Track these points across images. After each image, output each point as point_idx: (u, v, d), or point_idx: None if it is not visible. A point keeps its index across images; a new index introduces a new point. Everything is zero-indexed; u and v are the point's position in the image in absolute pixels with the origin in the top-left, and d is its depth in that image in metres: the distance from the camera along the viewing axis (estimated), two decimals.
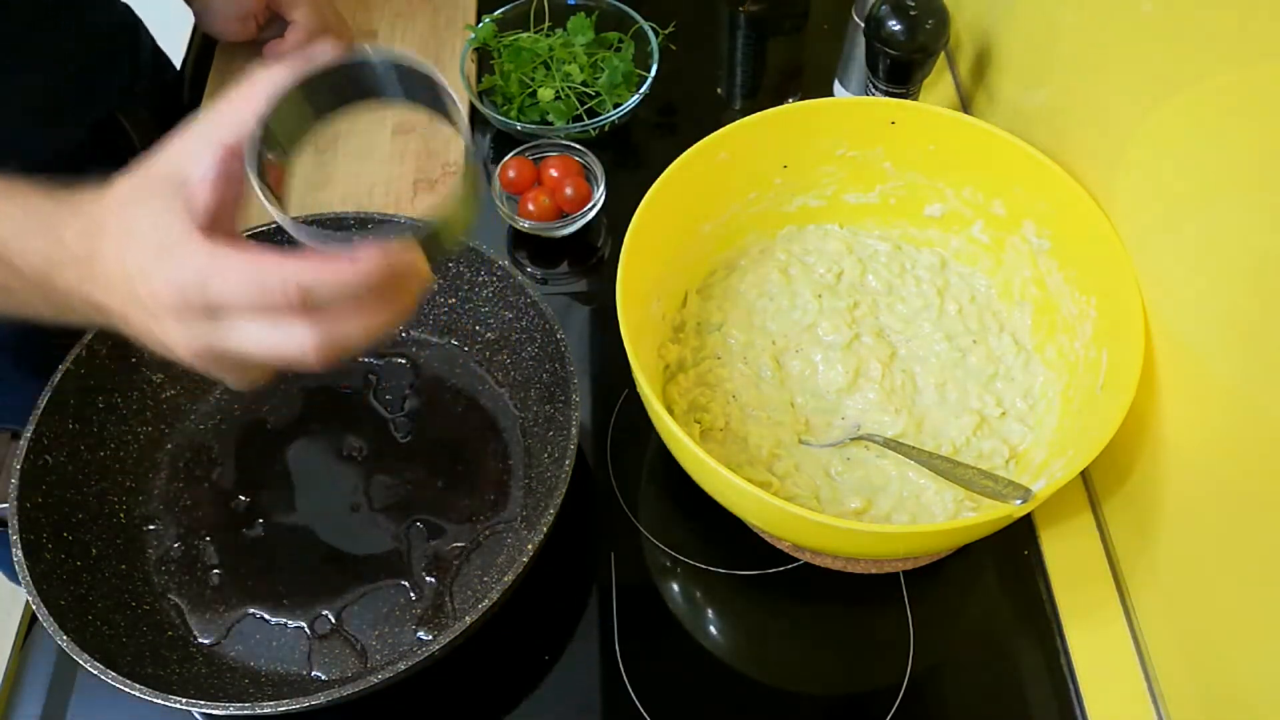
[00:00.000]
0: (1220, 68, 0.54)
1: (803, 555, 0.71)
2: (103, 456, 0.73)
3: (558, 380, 0.71)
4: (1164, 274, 0.62)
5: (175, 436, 0.77)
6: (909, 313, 0.78)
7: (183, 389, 0.78)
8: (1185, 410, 0.61)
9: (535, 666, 0.69)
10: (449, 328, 0.80)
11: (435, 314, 0.80)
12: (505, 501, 0.73)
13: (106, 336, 0.72)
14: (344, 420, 0.78)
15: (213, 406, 0.79)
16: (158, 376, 0.77)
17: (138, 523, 0.73)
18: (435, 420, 0.77)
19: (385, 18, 1.06)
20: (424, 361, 0.80)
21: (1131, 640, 0.68)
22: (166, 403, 0.77)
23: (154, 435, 0.77)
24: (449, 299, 0.79)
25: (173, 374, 0.77)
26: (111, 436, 0.74)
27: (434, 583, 0.70)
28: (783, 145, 0.76)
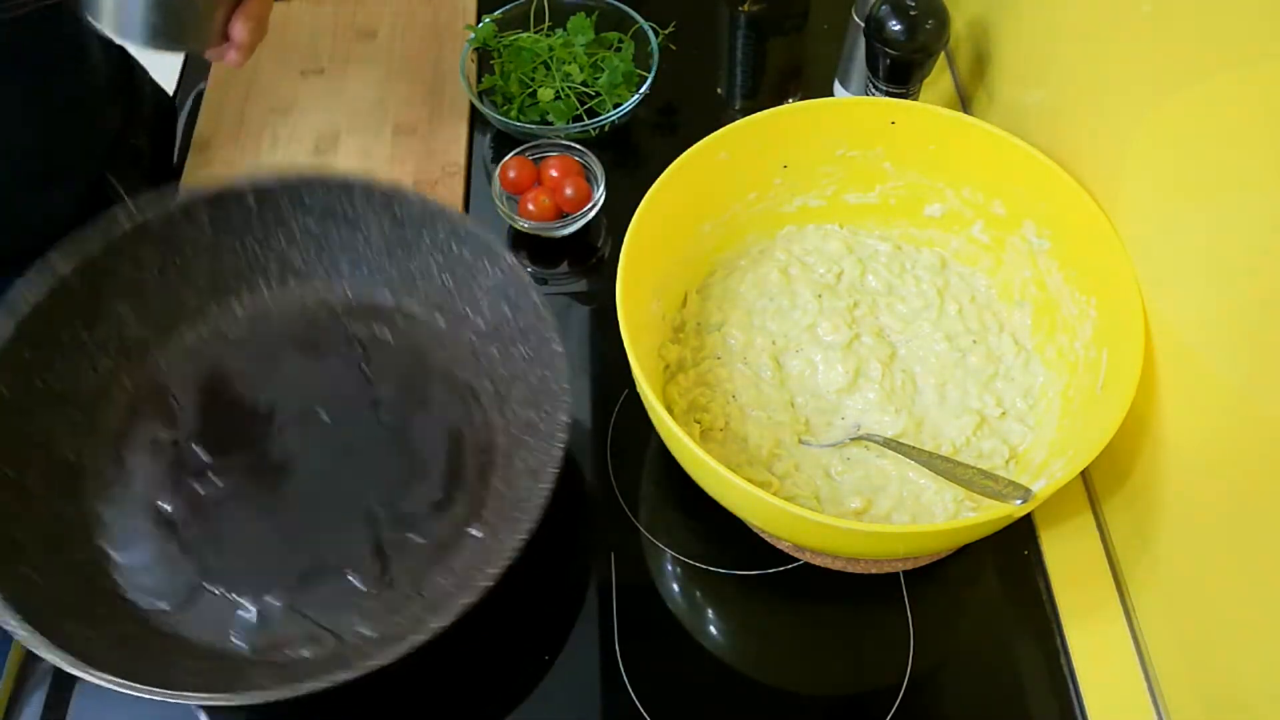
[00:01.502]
0: (1220, 67, 0.54)
1: (803, 555, 0.71)
2: (58, 389, 0.69)
3: (546, 389, 0.67)
4: (1164, 274, 0.62)
5: (137, 376, 0.73)
6: (909, 313, 0.78)
7: (152, 327, 0.74)
8: (1185, 410, 0.61)
9: (535, 666, 0.69)
10: (441, 305, 0.77)
11: (429, 288, 0.76)
12: (473, 502, 0.70)
13: (82, 270, 0.69)
14: (316, 383, 0.75)
15: (181, 349, 0.75)
16: (127, 310, 0.73)
17: (85, 463, 0.69)
18: (412, 398, 0.74)
19: (385, 17, 1.06)
20: (410, 335, 0.76)
21: (1131, 640, 0.68)
22: (132, 340, 0.73)
23: (114, 371, 0.72)
24: (447, 276, 0.75)
25: (142, 310, 0.74)
26: (68, 369, 0.70)
27: (389, 577, 0.67)
28: (783, 145, 0.76)
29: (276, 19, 1.05)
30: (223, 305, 0.77)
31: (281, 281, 0.78)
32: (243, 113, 0.98)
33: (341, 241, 0.77)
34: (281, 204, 0.75)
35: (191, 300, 0.76)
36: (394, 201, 0.73)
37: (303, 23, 1.05)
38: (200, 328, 0.76)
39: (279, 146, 0.96)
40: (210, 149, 0.96)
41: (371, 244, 0.76)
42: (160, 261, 0.74)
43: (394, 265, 0.77)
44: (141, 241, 0.73)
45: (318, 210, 0.75)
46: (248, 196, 0.74)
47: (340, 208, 0.75)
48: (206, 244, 0.75)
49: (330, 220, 0.76)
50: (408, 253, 0.76)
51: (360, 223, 0.75)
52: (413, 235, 0.74)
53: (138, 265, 0.73)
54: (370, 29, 1.05)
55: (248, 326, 0.77)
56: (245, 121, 0.98)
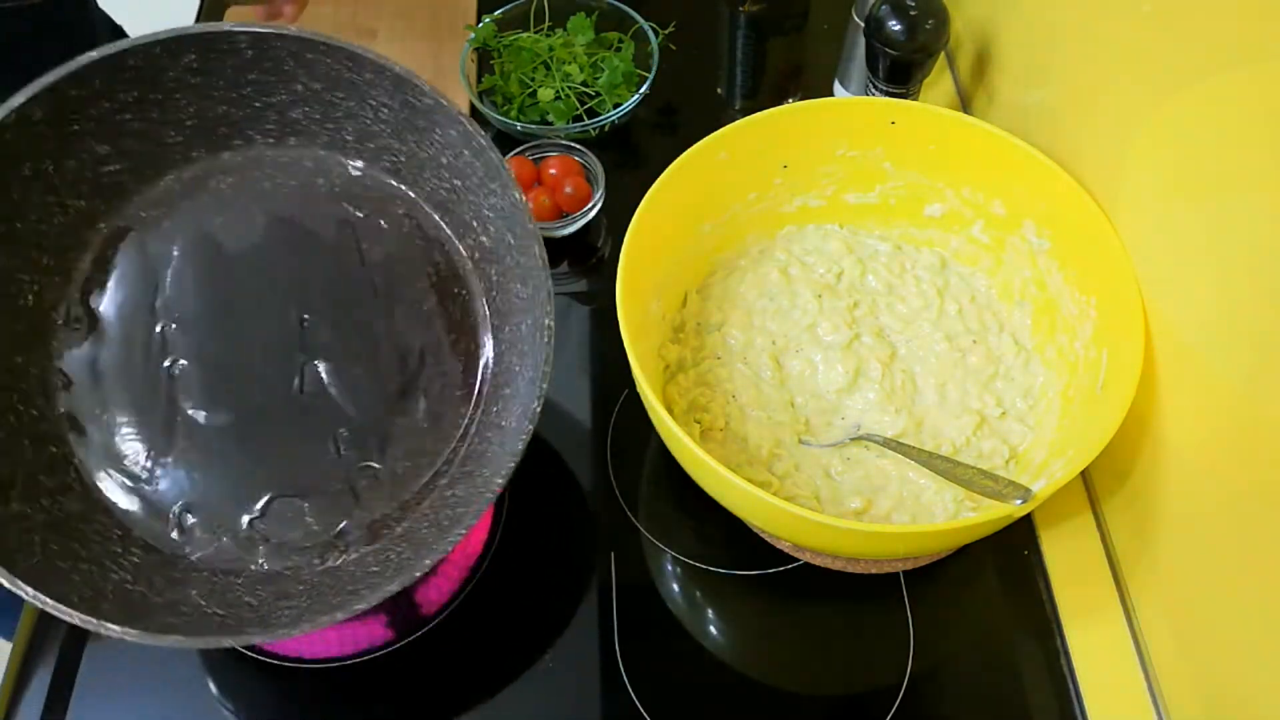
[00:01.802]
0: (1220, 67, 0.54)
1: (803, 555, 0.71)
2: (19, 228, 0.63)
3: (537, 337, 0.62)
4: (1164, 274, 0.62)
5: (112, 219, 0.67)
6: (909, 313, 0.78)
7: (130, 168, 0.67)
8: (1185, 410, 0.61)
9: (535, 666, 0.69)
10: (445, 207, 0.70)
11: (437, 184, 0.70)
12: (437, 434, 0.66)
13: (44, 102, 0.62)
14: (303, 270, 0.69)
15: (161, 195, 0.68)
16: (103, 148, 0.66)
17: (46, 309, 0.64)
18: (403, 302, 0.69)
19: (385, 17, 1.06)
20: (409, 231, 0.70)
21: (1131, 640, 0.68)
22: (108, 178, 0.67)
23: (87, 212, 0.66)
24: (457, 180, 0.69)
25: (122, 148, 0.67)
26: (34, 207, 0.64)
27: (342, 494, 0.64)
28: (783, 145, 0.76)
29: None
30: (212, 153, 0.69)
31: (280, 139, 0.70)
32: None
33: (349, 110, 0.69)
34: (283, 57, 0.67)
35: (175, 142, 0.68)
36: (406, 87, 0.66)
37: (303, 23, 1.05)
38: (184, 174, 0.69)
39: None
40: None
41: (382, 119, 0.69)
42: (138, 97, 0.66)
43: (404, 147, 0.70)
44: (115, 75, 0.65)
45: (323, 73, 0.67)
46: (241, 41, 0.66)
47: (347, 75, 0.67)
48: (195, 84, 0.67)
49: (338, 87, 0.68)
50: (419, 139, 0.69)
51: (369, 96, 0.68)
52: (425, 124, 0.67)
53: (112, 99, 0.65)
54: (370, 29, 1.05)
55: (237, 181, 0.70)
56: None
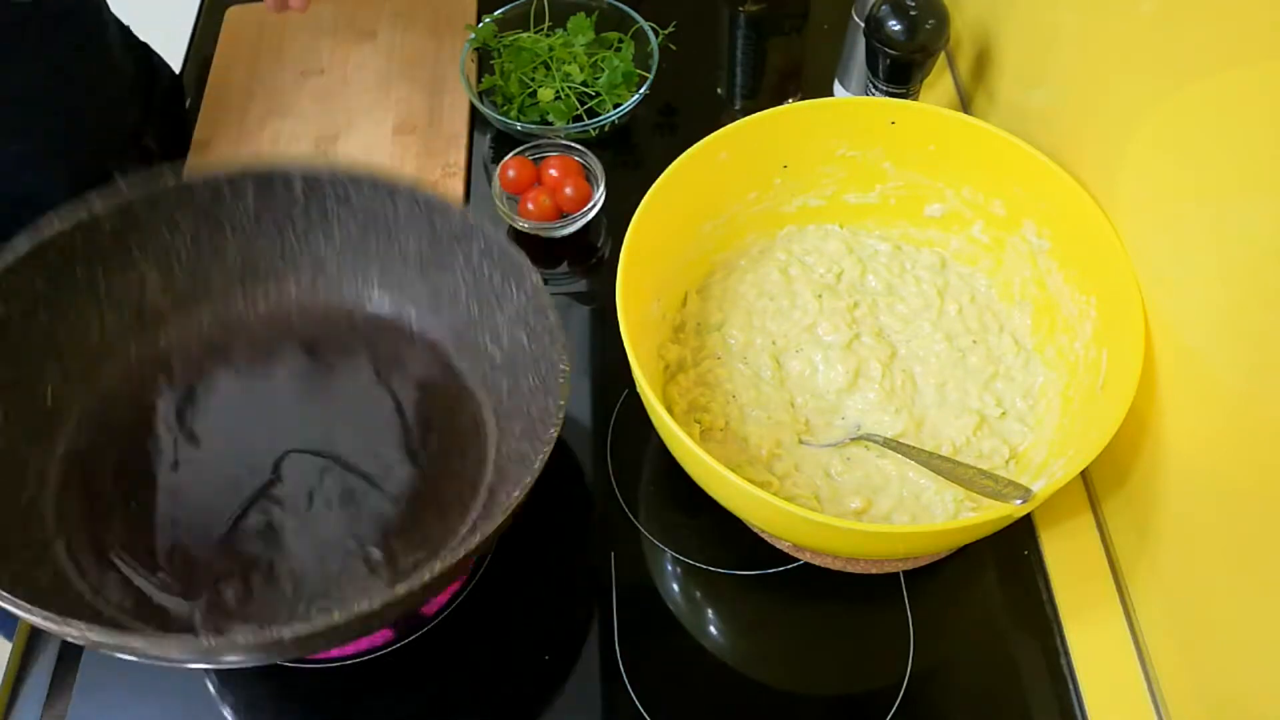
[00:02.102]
0: (1220, 67, 0.54)
1: (803, 555, 0.71)
2: (60, 330, 0.67)
3: (544, 418, 0.63)
4: (1164, 274, 0.62)
5: (144, 342, 0.71)
6: (909, 313, 0.78)
7: (175, 298, 0.72)
8: (1185, 410, 0.61)
9: (535, 666, 0.69)
10: (461, 334, 0.74)
11: (454, 314, 0.74)
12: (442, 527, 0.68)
13: (118, 214, 0.67)
14: (319, 398, 0.72)
15: (194, 325, 0.73)
16: (153, 275, 0.71)
17: (61, 409, 0.67)
18: (416, 428, 0.72)
19: (385, 17, 1.06)
20: (424, 362, 0.75)
21: (1131, 640, 0.68)
22: (150, 304, 0.71)
23: (122, 330, 0.70)
24: (474, 303, 0.73)
25: (170, 278, 0.72)
26: (79, 314, 0.68)
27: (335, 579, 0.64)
28: (783, 145, 0.76)
29: (276, 19, 1.06)
30: (248, 293, 0.75)
31: (311, 282, 0.76)
32: (243, 113, 0.98)
33: (378, 250, 0.75)
34: (328, 198, 0.72)
35: (218, 280, 0.74)
36: (435, 212, 0.71)
37: (303, 23, 1.05)
38: (219, 309, 0.74)
39: (279, 146, 0.96)
40: (210, 149, 0.96)
41: (407, 259, 0.74)
42: (195, 231, 0.71)
43: (425, 283, 0.75)
44: (182, 204, 0.70)
45: (361, 212, 0.73)
46: (296, 183, 0.72)
47: (384, 211, 0.72)
48: (246, 225, 0.73)
49: (371, 227, 0.74)
50: (440, 271, 0.73)
51: (399, 233, 0.73)
52: (447, 253, 0.72)
53: (173, 229, 0.71)
54: (370, 29, 1.05)
55: (266, 321, 0.75)
56: (245, 121, 0.98)
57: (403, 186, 0.71)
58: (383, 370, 0.75)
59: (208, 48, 1.04)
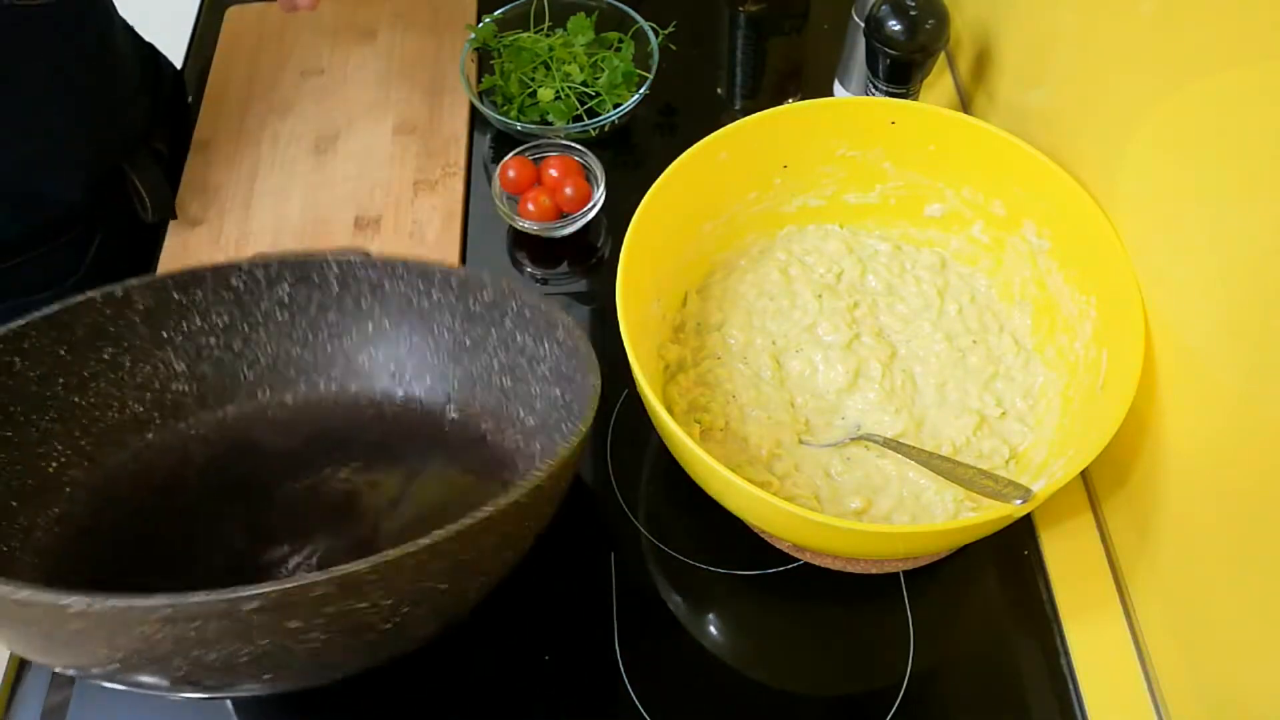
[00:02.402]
0: (1220, 68, 0.54)
1: (803, 555, 0.71)
2: (75, 402, 0.66)
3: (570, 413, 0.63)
4: (1164, 274, 0.62)
5: (162, 433, 0.69)
6: (909, 313, 0.78)
7: (196, 391, 0.71)
8: (1185, 410, 0.61)
9: (535, 666, 0.69)
10: (495, 413, 0.72)
11: (485, 396, 0.72)
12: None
13: (151, 294, 0.66)
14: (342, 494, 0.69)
15: (216, 421, 0.71)
16: (180, 366, 0.70)
17: (64, 483, 0.65)
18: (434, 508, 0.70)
19: (385, 17, 1.06)
20: (455, 448, 0.72)
21: (1131, 640, 0.68)
22: (173, 395, 0.70)
23: (140, 418, 0.69)
24: (505, 379, 0.72)
25: (196, 372, 0.71)
26: (96, 391, 0.67)
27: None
28: (783, 145, 0.76)
29: (276, 19, 1.06)
30: (277, 393, 0.73)
31: (344, 384, 0.75)
32: (243, 112, 0.98)
33: (412, 345, 0.74)
34: (363, 291, 0.72)
35: (247, 379, 0.73)
36: (471, 289, 0.70)
37: (303, 23, 1.05)
38: (244, 407, 0.72)
39: (279, 146, 0.96)
40: (210, 149, 0.96)
41: (440, 347, 0.73)
42: (229, 322, 0.71)
43: (458, 371, 0.73)
44: (219, 294, 0.70)
45: (394, 305, 0.72)
46: (331, 271, 0.71)
47: (417, 300, 0.72)
48: (280, 323, 0.72)
49: (405, 319, 0.73)
50: (472, 355, 0.72)
51: (434, 321, 0.72)
52: (481, 332, 0.71)
53: (206, 320, 0.70)
54: (370, 29, 1.05)
55: (292, 420, 0.73)
56: (245, 121, 0.98)
57: (435, 270, 0.70)
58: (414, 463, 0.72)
59: (208, 47, 1.04)
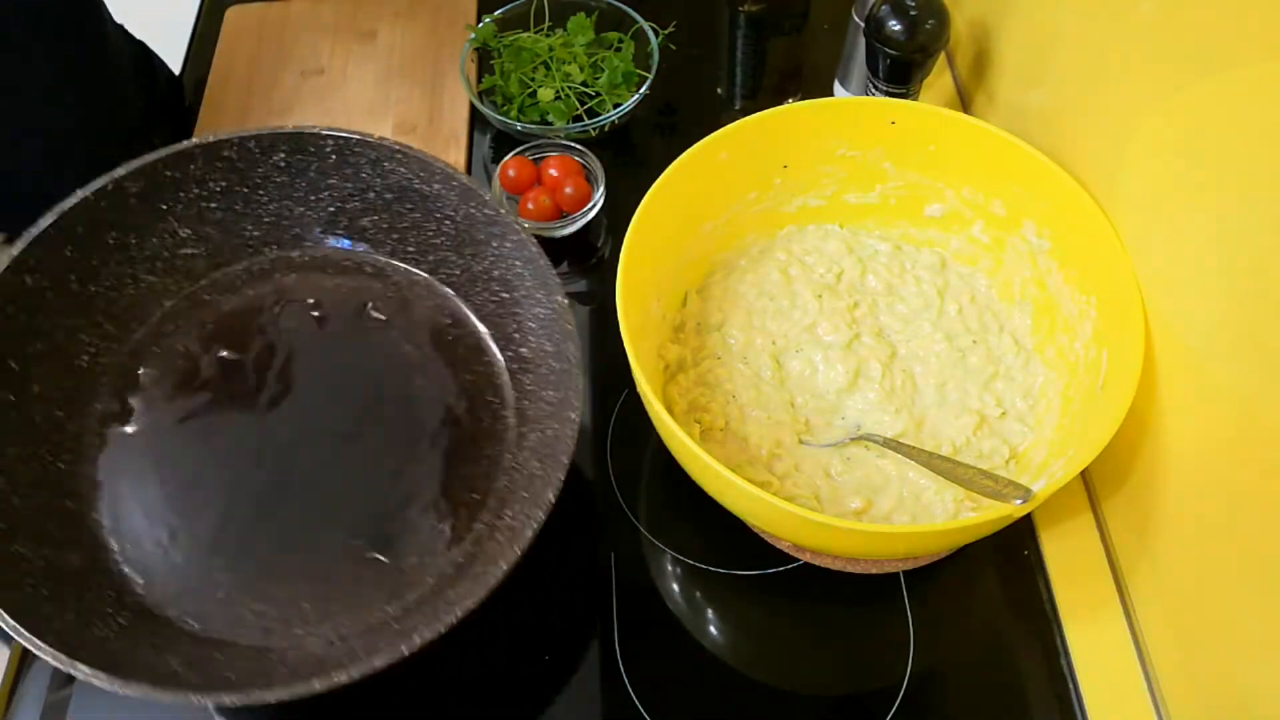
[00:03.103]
0: (1220, 68, 0.54)
1: (803, 555, 0.71)
2: (91, 292, 0.68)
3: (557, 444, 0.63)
4: (1164, 274, 0.62)
5: (178, 298, 0.71)
6: (909, 313, 0.78)
7: (207, 252, 0.72)
8: (1185, 410, 0.61)
9: (535, 666, 0.69)
10: (492, 319, 0.74)
11: (486, 297, 0.74)
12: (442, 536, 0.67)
13: (141, 177, 0.67)
14: (343, 362, 0.72)
15: (228, 281, 0.73)
16: (185, 231, 0.71)
17: (98, 372, 0.67)
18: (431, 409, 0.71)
19: (385, 17, 1.06)
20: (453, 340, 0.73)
21: (1131, 640, 0.68)
22: (182, 260, 0.71)
23: (156, 288, 0.70)
24: (505, 294, 0.73)
25: (202, 234, 0.71)
26: (109, 274, 0.68)
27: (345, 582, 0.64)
28: (783, 145, 0.76)
29: (276, 19, 1.06)
30: (284, 250, 0.74)
31: (350, 247, 0.76)
32: (243, 113, 0.98)
33: (414, 221, 0.74)
34: (362, 164, 0.72)
35: (252, 235, 0.74)
36: (472, 198, 0.71)
37: (303, 23, 1.06)
38: (254, 265, 0.74)
39: None
40: None
41: (444, 231, 0.74)
42: (227, 187, 0.71)
43: (460, 260, 0.74)
44: (212, 164, 0.70)
45: (396, 182, 0.72)
46: (327, 144, 0.71)
47: (418, 184, 0.72)
48: (278, 184, 0.72)
49: (407, 198, 0.73)
50: (475, 253, 0.73)
51: (435, 208, 0.73)
52: (484, 236, 0.72)
53: (203, 187, 0.70)
54: (370, 29, 1.05)
55: (300, 278, 0.74)
56: (245, 121, 0.98)
57: (437, 164, 0.71)
58: (412, 344, 0.73)
59: (208, 48, 1.04)
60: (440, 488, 0.69)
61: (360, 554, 0.66)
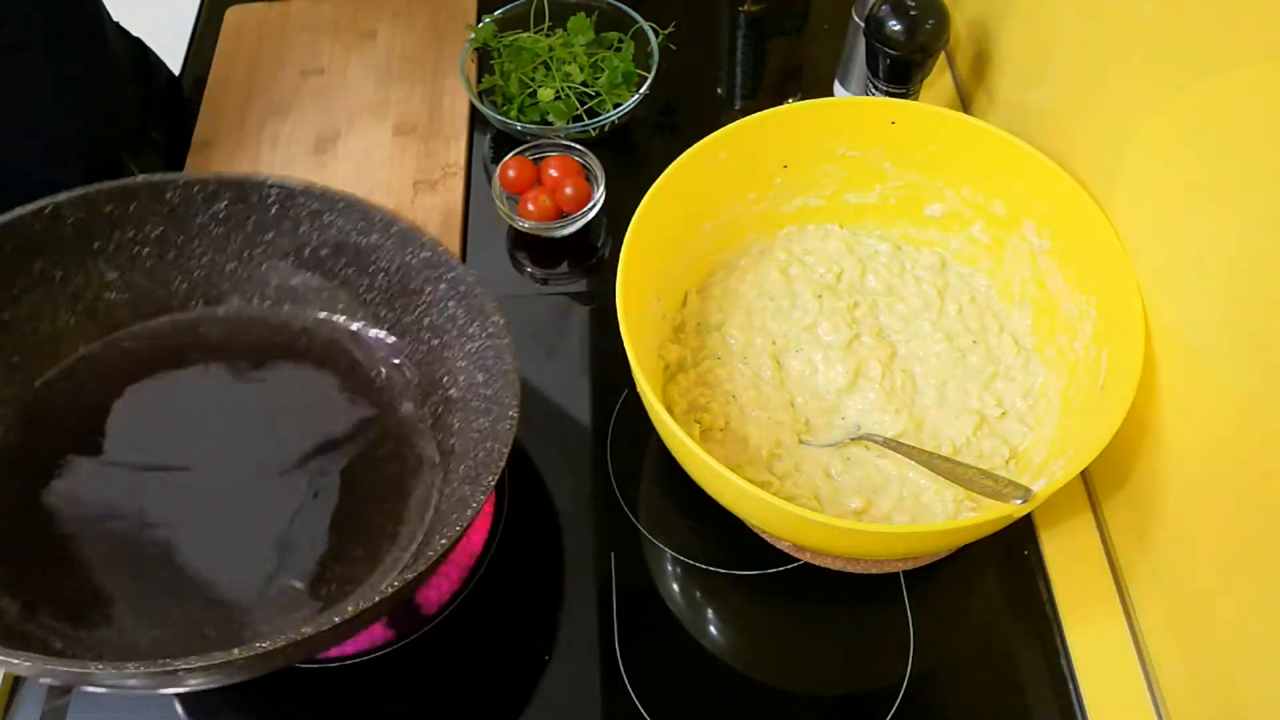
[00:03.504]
0: (1220, 68, 0.54)
1: (803, 555, 0.71)
2: (6, 320, 0.66)
3: (489, 462, 0.62)
4: (1164, 274, 0.62)
5: (94, 344, 0.70)
6: (909, 313, 0.78)
7: (130, 299, 0.70)
8: (1185, 410, 0.61)
9: (535, 666, 0.69)
10: (420, 364, 0.73)
11: (415, 347, 0.74)
12: (370, 564, 0.66)
13: (81, 206, 0.66)
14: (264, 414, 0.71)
15: (148, 332, 0.71)
16: (113, 274, 0.70)
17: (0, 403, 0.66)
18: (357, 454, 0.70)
19: (385, 17, 1.06)
20: (378, 390, 0.73)
21: (1131, 640, 0.68)
22: (105, 305, 0.70)
23: (72, 329, 0.69)
24: (436, 340, 0.73)
25: (129, 280, 0.70)
26: (28, 304, 0.67)
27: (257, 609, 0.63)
28: (783, 145, 0.76)
29: (276, 19, 1.06)
30: (209, 306, 0.74)
31: (277, 302, 0.75)
32: (243, 113, 0.98)
33: (346, 278, 0.74)
34: (302, 217, 0.72)
35: (179, 288, 0.73)
36: (409, 242, 0.70)
37: (303, 23, 1.06)
38: (177, 318, 0.72)
39: (279, 146, 0.96)
40: (210, 149, 0.96)
41: (376, 286, 0.74)
42: (162, 233, 0.70)
43: (391, 314, 0.74)
44: (151, 204, 0.69)
45: (333, 237, 0.72)
46: (270, 194, 0.71)
47: (356, 237, 0.72)
48: (214, 236, 0.72)
49: (343, 252, 0.73)
50: (406, 304, 0.73)
51: (370, 262, 0.73)
52: (416, 285, 0.72)
53: (139, 227, 0.69)
54: (370, 29, 1.05)
55: (226, 332, 0.73)
56: (245, 121, 0.98)
57: (376, 213, 0.70)
58: (330, 392, 0.73)
59: (207, 47, 1.04)
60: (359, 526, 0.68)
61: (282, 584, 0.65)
